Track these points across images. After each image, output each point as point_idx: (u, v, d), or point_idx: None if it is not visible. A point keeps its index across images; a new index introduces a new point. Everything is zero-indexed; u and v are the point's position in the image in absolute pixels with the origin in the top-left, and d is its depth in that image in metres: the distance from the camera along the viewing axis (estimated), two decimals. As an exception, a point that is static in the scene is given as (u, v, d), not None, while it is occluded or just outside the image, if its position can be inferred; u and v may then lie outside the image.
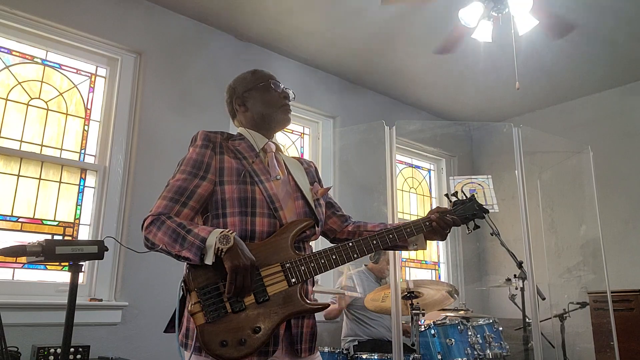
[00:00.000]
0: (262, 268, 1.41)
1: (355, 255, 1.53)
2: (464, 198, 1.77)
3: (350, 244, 1.53)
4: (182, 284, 1.39)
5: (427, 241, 1.69)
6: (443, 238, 1.68)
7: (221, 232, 1.35)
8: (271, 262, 1.43)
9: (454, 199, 1.77)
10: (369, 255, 1.74)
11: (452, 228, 1.70)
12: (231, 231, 1.37)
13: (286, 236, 1.48)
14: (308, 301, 1.45)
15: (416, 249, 1.68)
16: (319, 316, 1.53)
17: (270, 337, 1.37)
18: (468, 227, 1.76)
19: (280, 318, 1.38)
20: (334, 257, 1.50)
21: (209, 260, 1.33)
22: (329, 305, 1.50)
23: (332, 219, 1.76)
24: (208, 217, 1.52)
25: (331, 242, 1.76)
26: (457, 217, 1.69)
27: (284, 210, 1.53)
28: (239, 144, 1.60)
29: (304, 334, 1.47)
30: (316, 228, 1.59)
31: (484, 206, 1.78)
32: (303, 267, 1.45)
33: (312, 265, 1.47)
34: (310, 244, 1.61)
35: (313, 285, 1.60)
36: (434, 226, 1.63)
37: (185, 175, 1.49)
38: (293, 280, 1.43)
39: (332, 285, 4.01)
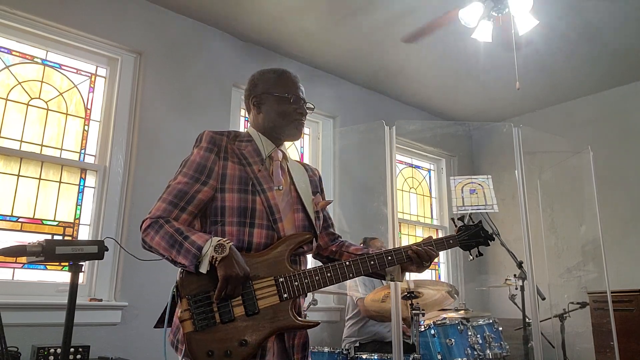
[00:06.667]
0: (255, 281, 1.40)
1: (350, 275, 1.51)
2: (471, 224, 1.72)
3: (347, 263, 1.51)
4: (175, 289, 1.38)
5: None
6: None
7: (218, 241, 1.34)
8: (265, 275, 1.41)
9: (459, 223, 1.72)
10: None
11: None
12: (228, 240, 1.36)
13: (283, 250, 1.45)
14: (299, 318, 1.43)
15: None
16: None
17: (257, 350, 1.35)
18: (471, 254, 1.71)
19: (268, 332, 1.36)
20: (329, 275, 1.48)
21: (204, 269, 1.33)
22: (318, 323, 1.48)
23: (322, 234, 1.68)
24: (206, 223, 1.49)
25: (313, 257, 1.71)
26: (458, 244, 1.67)
27: (283, 222, 1.50)
28: (245, 147, 1.56)
29: (296, 345, 1.47)
30: (313, 243, 1.57)
31: (490, 232, 1.72)
32: (296, 283, 1.43)
33: (306, 281, 1.44)
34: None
35: (305, 298, 1.58)
36: (411, 255, 1.57)
37: (187, 178, 1.47)
38: (285, 295, 1.41)
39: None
